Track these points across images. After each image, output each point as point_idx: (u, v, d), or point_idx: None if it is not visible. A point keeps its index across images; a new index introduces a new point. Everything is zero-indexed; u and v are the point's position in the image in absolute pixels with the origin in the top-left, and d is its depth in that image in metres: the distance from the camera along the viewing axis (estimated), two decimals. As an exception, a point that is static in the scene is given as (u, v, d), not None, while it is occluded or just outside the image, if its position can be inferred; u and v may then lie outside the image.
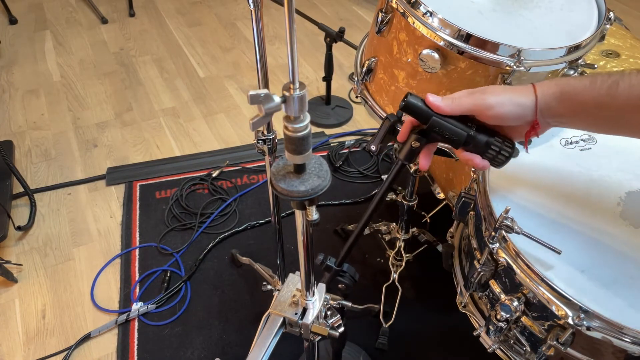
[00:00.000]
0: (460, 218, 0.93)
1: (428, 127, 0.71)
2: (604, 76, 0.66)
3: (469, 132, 0.71)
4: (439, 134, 0.71)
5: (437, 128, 0.70)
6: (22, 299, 1.52)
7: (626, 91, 0.64)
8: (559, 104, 0.68)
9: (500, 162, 0.73)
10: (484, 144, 0.71)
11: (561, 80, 0.69)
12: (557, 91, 0.68)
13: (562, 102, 0.68)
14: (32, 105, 2.20)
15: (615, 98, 0.65)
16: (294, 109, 0.55)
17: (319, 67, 2.32)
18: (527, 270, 0.73)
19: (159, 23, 2.77)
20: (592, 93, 0.66)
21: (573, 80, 0.68)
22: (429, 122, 0.70)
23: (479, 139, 0.71)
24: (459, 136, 0.71)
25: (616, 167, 0.87)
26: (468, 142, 0.71)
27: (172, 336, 1.43)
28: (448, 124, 0.70)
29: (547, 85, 0.69)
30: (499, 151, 0.72)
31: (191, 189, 1.84)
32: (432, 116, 0.70)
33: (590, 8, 0.99)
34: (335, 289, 0.86)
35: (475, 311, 0.91)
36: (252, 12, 0.86)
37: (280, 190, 0.63)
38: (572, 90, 0.67)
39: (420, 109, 0.71)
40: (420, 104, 0.71)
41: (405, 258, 1.47)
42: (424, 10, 0.89)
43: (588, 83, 0.67)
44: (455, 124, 0.71)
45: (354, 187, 1.87)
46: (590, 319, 0.67)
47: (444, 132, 0.71)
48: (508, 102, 0.69)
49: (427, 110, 0.71)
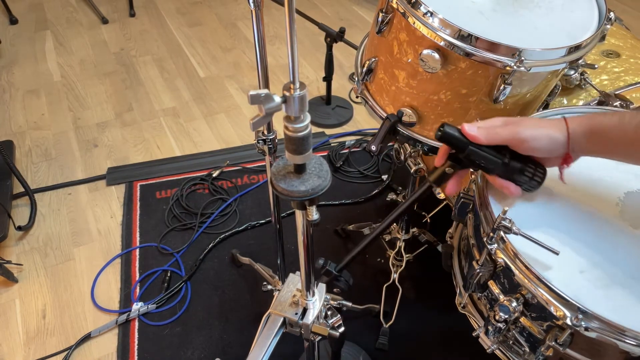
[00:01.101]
0: (459, 219, 0.93)
1: (465, 156, 0.73)
2: (632, 114, 0.69)
3: (504, 160, 0.73)
4: (475, 162, 0.73)
5: (473, 156, 0.73)
6: (22, 299, 1.52)
7: None
8: (588, 142, 0.71)
9: (533, 187, 0.76)
10: (518, 171, 0.74)
11: (593, 118, 0.72)
12: (587, 130, 0.71)
13: (592, 139, 0.71)
14: (32, 105, 2.21)
15: None
16: (294, 109, 0.55)
17: (320, 67, 2.32)
18: (525, 271, 0.73)
19: (159, 23, 2.77)
20: (621, 131, 0.69)
21: (603, 118, 0.71)
22: (466, 152, 0.73)
23: (513, 166, 0.74)
24: (495, 164, 0.73)
25: (615, 167, 0.87)
26: (503, 169, 0.74)
27: (173, 336, 1.43)
28: (484, 152, 0.73)
29: (579, 122, 0.72)
30: (532, 177, 0.75)
31: (191, 189, 1.84)
32: (468, 145, 0.72)
33: (590, 8, 0.99)
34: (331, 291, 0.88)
35: (474, 312, 0.91)
36: (252, 12, 0.86)
37: (281, 190, 0.63)
38: (601, 129, 0.70)
39: (457, 139, 0.73)
40: (456, 134, 0.73)
41: (405, 258, 1.47)
42: (425, 10, 0.89)
43: (617, 121, 0.69)
44: (490, 153, 0.73)
45: (354, 187, 1.87)
46: (589, 319, 0.67)
47: (479, 160, 0.73)
48: (542, 136, 0.72)
49: (463, 140, 0.73)
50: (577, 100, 1.14)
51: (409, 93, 1.00)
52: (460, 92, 0.94)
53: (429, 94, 0.97)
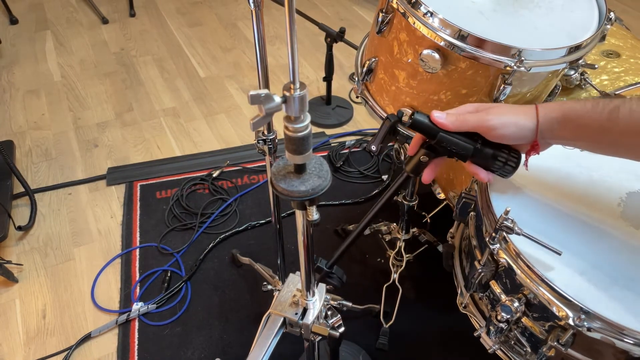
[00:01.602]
0: (460, 218, 0.93)
1: (436, 143, 0.73)
2: (605, 101, 0.68)
3: (475, 145, 0.73)
4: (447, 149, 0.73)
5: (444, 143, 0.73)
6: (22, 298, 1.52)
7: (627, 117, 0.65)
8: (560, 128, 0.70)
9: (507, 172, 0.76)
10: (490, 156, 0.74)
11: (564, 104, 0.70)
12: (560, 115, 0.70)
13: (564, 125, 0.70)
14: (32, 105, 2.20)
15: (616, 123, 0.66)
16: (294, 109, 0.55)
17: (320, 67, 2.32)
18: (527, 271, 0.73)
19: (159, 23, 2.77)
20: (594, 117, 0.68)
21: (576, 104, 0.70)
22: (437, 138, 0.73)
23: (486, 152, 0.74)
24: (466, 150, 0.73)
25: (617, 168, 0.87)
26: (475, 155, 0.74)
27: (173, 336, 1.43)
28: (455, 139, 0.73)
29: (550, 108, 0.71)
30: (505, 162, 0.74)
31: (192, 189, 1.84)
32: (439, 132, 0.73)
33: (590, 8, 0.99)
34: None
35: (475, 312, 0.91)
36: (252, 12, 0.86)
37: (281, 191, 0.63)
38: (574, 115, 0.69)
39: (427, 126, 0.73)
40: (426, 121, 0.73)
41: (405, 258, 1.47)
42: (425, 10, 0.89)
43: (590, 107, 0.68)
44: (461, 139, 0.73)
45: (354, 187, 1.87)
46: (591, 319, 0.67)
47: (450, 146, 0.73)
48: (510, 123, 0.71)
49: (433, 127, 0.73)
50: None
51: (409, 93, 1.00)
52: (461, 92, 0.94)
53: (429, 94, 0.97)
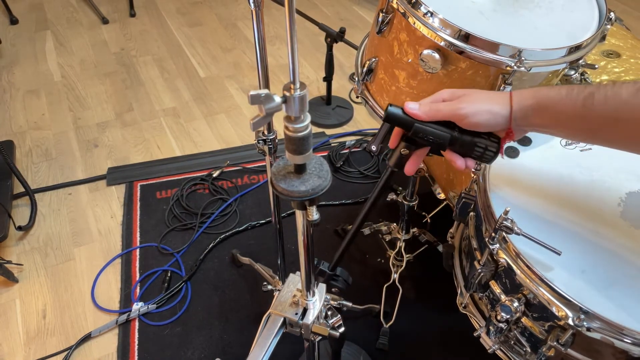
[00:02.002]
0: (460, 219, 0.93)
1: (412, 134, 0.73)
2: (580, 87, 0.67)
3: (452, 133, 0.73)
4: (424, 139, 0.73)
5: (421, 133, 0.73)
6: (22, 299, 1.52)
7: (601, 103, 0.64)
8: (535, 115, 0.70)
9: (489, 158, 0.75)
10: (469, 143, 0.73)
11: (539, 91, 0.70)
12: (534, 103, 0.69)
13: (539, 113, 0.69)
14: (32, 106, 2.20)
15: (590, 110, 0.65)
16: (294, 109, 0.55)
17: (320, 67, 2.32)
18: (527, 271, 0.73)
19: (159, 23, 2.77)
20: (568, 104, 0.67)
21: (550, 91, 0.69)
22: (412, 129, 0.73)
23: (464, 139, 0.73)
24: (443, 139, 0.73)
25: (617, 168, 0.87)
26: (453, 143, 0.73)
27: (173, 336, 1.43)
28: (431, 128, 0.72)
29: (525, 95, 0.70)
30: (485, 148, 0.74)
31: (192, 189, 1.84)
32: (414, 123, 0.72)
33: (591, 8, 0.99)
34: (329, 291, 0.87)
35: (475, 312, 0.91)
36: (252, 12, 0.86)
37: (281, 191, 0.63)
38: (548, 102, 0.68)
39: (402, 118, 0.73)
40: (400, 113, 0.73)
41: (405, 258, 1.47)
42: (425, 10, 0.89)
43: (564, 94, 0.67)
44: (437, 128, 0.73)
45: (354, 187, 1.87)
46: (591, 319, 0.67)
47: (427, 136, 0.73)
48: (482, 111, 0.70)
49: (408, 119, 0.73)
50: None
51: (410, 93, 1.00)
52: (461, 92, 0.94)
53: (429, 94, 0.96)
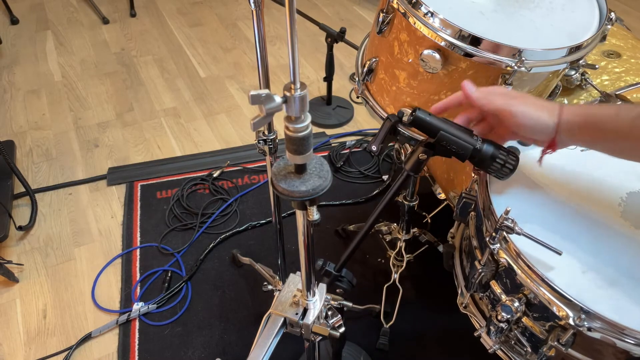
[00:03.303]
0: (461, 218, 0.93)
1: (436, 141, 0.72)
2: (629, 107, 0.69)
3: (475, 145, 0.72)
4: (446, 148, 0.73)
5: (445, 142, 0.72)
6: (23, 298, 1.52)
7: None
8: (581, 131, 0.71)
9: (504, 174, 0.75)
10: (489, 157, 0.73)
11: (588, 109, 0.71)
12: (582, 120, 0.70)
13: (585, 129, 0.71)
14: (33, 106, 2.21)
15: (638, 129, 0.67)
16: (295, 109, 0.55)
17: (320, 68, 2.32)
18: (527, 271, 0.73)
19: (160, 23, 2.77)
20: (616, 123, 0.68)
21: (599, 110, 0.70)
22: (437, 136, 0.72)
23: (485, 152, 0.73)
24: (466, 150, 0.72)
25: (617, 167, 0.87)
26: (474, 155, 0.73)
27: (173, 336, 1.43)
28: (455, 137, 0.72)
29: (574, 112, 0.71)
30: (503, 164, 0.74)
31: (192, 189, 1.84)
32: (439, 130, 0.72)
33: (591, 8, 0.99)
34: (334, 292, 0.87)
35: (476, 312, 0.91)
36: (253, 12, 0.86)
37: (281, 191, 0.63)
38: (597, 120, 0.70)
39: (428, 123, 0.72)
40: (428, 118, 0.72)
41: (406, 258, 1.47)
42: (425, 10, 0.89)
43: (613, 113, 0.69)
44: (462, 137, 0.72)
45: (354, 187, 1.87)
46: (592, 319, 0.67)
47: (451, 145, 0.72)
48: (531, 116, 0.71)
49: (435, 125, 0.72)
50: (577, 100, 1.14)
51: (410, 93, 1.00)
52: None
53: (429, 95, 0.97)
